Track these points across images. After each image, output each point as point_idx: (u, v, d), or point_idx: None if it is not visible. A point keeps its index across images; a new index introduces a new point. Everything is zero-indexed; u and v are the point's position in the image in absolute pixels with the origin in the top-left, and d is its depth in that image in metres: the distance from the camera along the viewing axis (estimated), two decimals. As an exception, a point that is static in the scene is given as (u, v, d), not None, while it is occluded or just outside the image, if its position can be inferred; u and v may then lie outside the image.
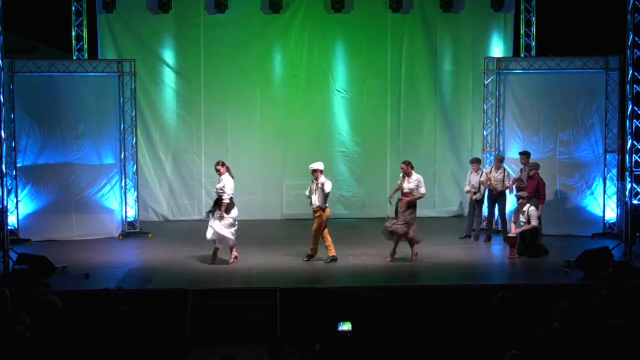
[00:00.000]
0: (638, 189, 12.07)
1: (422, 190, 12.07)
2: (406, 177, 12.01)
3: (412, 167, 12.08)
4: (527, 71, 14.81)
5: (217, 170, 11.95)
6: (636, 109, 12.03)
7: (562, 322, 7.38)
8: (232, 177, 11.92)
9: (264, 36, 16.31)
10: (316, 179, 11.93)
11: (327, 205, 12.08)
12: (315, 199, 11.94)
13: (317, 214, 12.01)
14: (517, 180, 13.51)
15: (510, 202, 13.87)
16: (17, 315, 7.74)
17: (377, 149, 16.60)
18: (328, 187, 11.94)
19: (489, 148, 14.94)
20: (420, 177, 12.10)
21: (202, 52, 16.24)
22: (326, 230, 12.15)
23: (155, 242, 14.03)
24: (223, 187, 11.78)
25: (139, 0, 16.00)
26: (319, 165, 11.97)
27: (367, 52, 16.50)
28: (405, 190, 12.00)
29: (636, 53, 11.96)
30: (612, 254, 11.34)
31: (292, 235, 14.46)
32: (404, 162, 12.11)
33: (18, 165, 14.11)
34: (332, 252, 12.09)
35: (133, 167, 14.89)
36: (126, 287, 10.50)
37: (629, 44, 11.95)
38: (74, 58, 15.53)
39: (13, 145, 13.94)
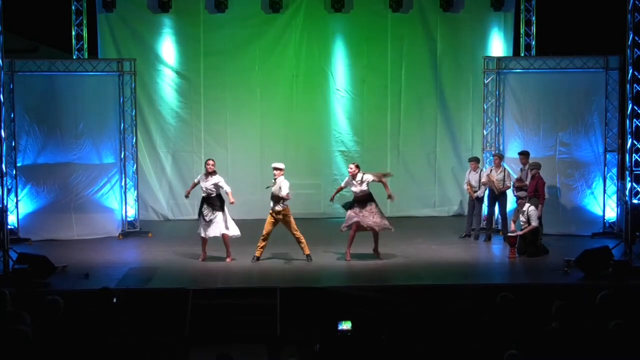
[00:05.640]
0: (638, 189, 12.05)
1: None
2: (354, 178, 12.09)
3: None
4: (527, 70, 14.80)
5: (212, 169, 11.96)
6: (636, 108, 12.01)
7: (559, 322, 7.38)
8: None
9: (264, 36, 16.29)
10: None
11: None
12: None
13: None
14: (518, 180, 13.50)
15: (511, 201, 13.87)
16: (17, 315, 7.74)
17: (377, 149, 16.56)
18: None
19: (489, 147, 14.94)
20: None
21: (202, 51, 16.22)
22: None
23: (155, 242, 14.02)
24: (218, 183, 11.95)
25: (138, 0, 16.00)
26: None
27: (367, 51, 16.47)
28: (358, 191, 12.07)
29: (636, 53, 11.94)
30: (612, 253, 11.33)
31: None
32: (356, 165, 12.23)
33: (18, 164, 14.10)
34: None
35: (133, 167, 14.88)
36: (126, 287, 10.57)
37: (629, 43, 11.93)
38: (74, 58, 15.51)
39: (13, 144, 13.93)
